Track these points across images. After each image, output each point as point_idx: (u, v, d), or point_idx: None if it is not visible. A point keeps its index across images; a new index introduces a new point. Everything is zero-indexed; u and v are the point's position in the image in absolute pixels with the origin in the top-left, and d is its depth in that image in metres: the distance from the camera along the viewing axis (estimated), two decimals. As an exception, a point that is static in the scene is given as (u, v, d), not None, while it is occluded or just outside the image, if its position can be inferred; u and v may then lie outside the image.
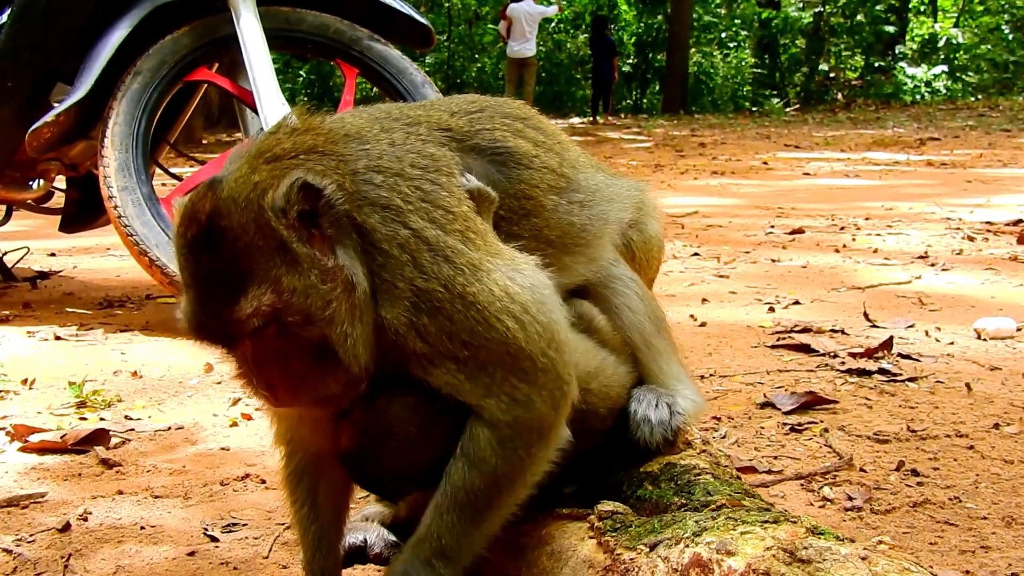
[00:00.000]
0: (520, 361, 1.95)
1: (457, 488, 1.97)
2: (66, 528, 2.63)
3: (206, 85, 5.38)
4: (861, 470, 2.95)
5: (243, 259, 1.80)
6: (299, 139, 1.97)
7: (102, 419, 3.51)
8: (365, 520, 2.49)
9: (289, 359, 1.86)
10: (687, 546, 1.78)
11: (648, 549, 1.86)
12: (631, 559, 1.87)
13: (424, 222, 1.95)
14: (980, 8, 34.43)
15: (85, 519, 2.70)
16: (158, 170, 5.52)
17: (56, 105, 4.71)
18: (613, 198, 2.46)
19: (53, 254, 7.07)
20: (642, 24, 31.82)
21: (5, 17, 4.93)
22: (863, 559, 1.64)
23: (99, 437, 3.27)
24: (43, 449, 3.21)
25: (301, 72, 30.45)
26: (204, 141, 19.11)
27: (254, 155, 1.92)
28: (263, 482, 2.99)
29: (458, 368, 1.92)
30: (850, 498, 2.75)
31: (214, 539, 2.59)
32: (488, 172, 2.17)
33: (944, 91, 29.45)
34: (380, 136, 2.06)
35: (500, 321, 1.93)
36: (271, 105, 4.69)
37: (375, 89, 5.32)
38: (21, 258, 6.37)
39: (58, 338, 4.64)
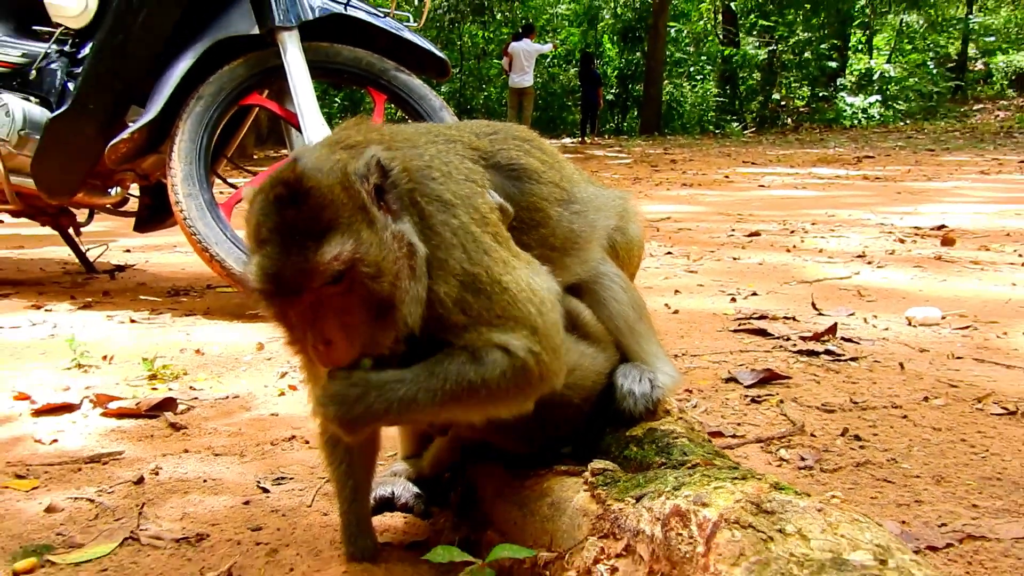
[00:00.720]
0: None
1: (447, 369, 1.86)
2: (140, 481, 2.62)
3: (258, 108, 5.36)
4: (811, 435, 2.94)
5: (328, 212, 1.75)
6: (367, 135, 1.98)
7: (170, 389, 3.49)
8: (393, 475, 2.49)
9: (350, 313, 1.80)
10: (668, 498, 1.77)
11: (635, 501, 1.84)
12: (620, 509, 1.86)
13: (468, 218, 1.94)
14: (909, 47, 34.39)
15: (156, 473, 2.69)
16: (217, 180, 5.49)
17: (131, 124, 4.71)
18: (601, 207, 2.45)
19: (128, 250, 7.06)
20: (623, 60, 31.76)
21: (88, 49, 4.92)
22: (819, 511, 1.63)
23: (168, 404, 3.26)
24: (120, 414, 3.20)
25: (336, 99, 30.41)
26: (255, 156, 19.07)
27: (329, 144, 1.92)
28: (307, 442, 2.98)
29: (489, 330, 1.90)
30: (803, 459, 2.74)
31: (265, 490, 2.58)
32: (505, 186, 2.16)
33: (878, 117, 29.38)
34: (428, 146, 2.05)
35: (525, 306, 1.92)
36: (313, 126, 4.68)
37: (398, 112, 5.31)
38: (101, 253, 6.36)
39: (132, 321, 4.63)
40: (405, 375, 1.86)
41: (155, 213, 5.60)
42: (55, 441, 2.95)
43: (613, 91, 32.66)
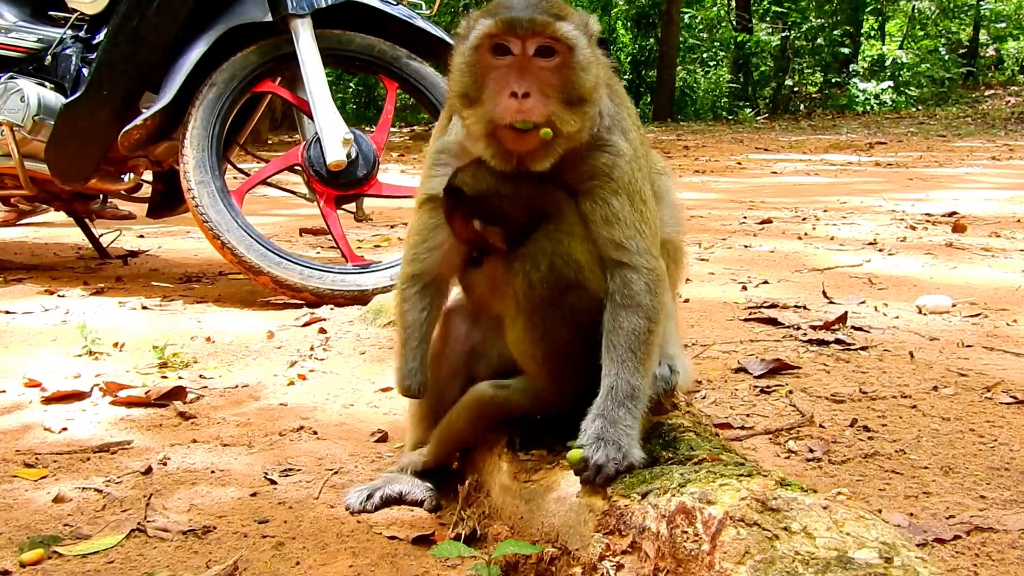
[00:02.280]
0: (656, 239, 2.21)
1: (628, 333, 2.08)
2: (148, 471, 2.60)
3: (270, 95, 5.33)
4: (820, 426, 2.90)
5: (567, 12, 2.08)
6: None
7: (180, 378, 3.47)
8: (400, 471, 2.47)
9: (550, 84, 2.05)
10: (674, 495, 1.74)
11: (640, 497, 1.82)
12: (626, 505, 1.84)
13: (639, 141, 2.27)
14: (921, 33, 34.09)
15: (164, 463, 2.67)
16: (229, 167, 5.47)
17: (144, 111, 4.67)
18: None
19: (142, 236, 7.04)
20: (636, 46, 31.56)
21: (102, 36, 4.89)
22: (824, 508, 1.61)
23: (177, 393, 3.24)
24: (130, 403, 3.18)
25: (351, 84, 30.34)
26: (269, 141, 19.05)
27: None
28: (315, 433, 2.96)
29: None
30: (811, 450, 2.71)
31: (273, 482, 2.56)
32: None
33: (890, 103, 29.14)
34: None
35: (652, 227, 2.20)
36: (325, 113, 4.65)
37: (411, 100, 5.27)
38: (115, 239, 6.35)
39: (144, 308, 4.61)
40: (618, 379, 2.08)
41: (168, 199, 5.57)
42: (64, 430, 2.94)
43: (626, 77, 32.48)
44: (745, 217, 7.81)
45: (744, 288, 4.93)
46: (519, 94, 2.01)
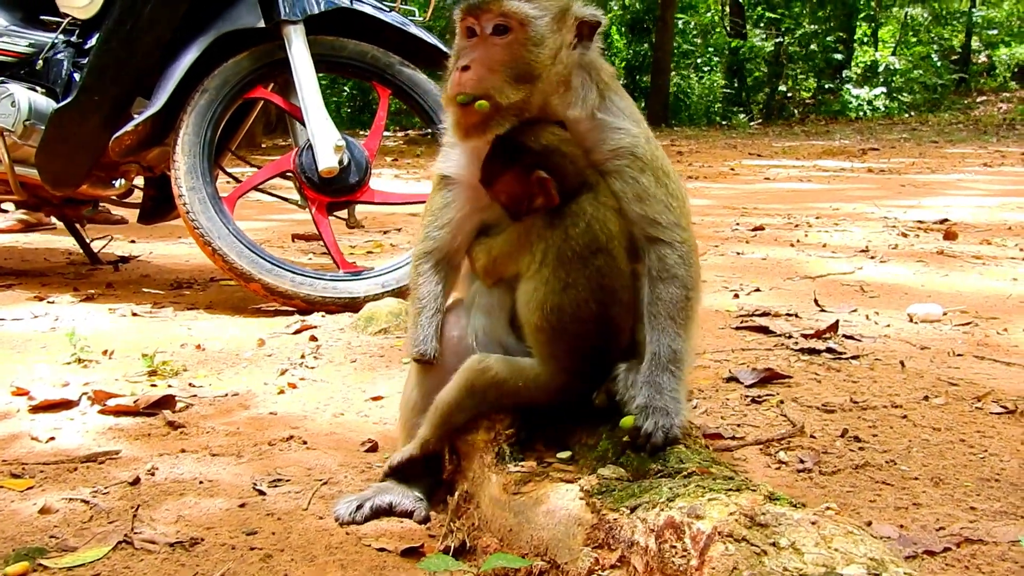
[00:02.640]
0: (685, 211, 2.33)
1: (667, 302, 2.21)
2: (136, 482, 2.59)
3: (263, 101, 5.32)
4: (811, 436, 2.89)
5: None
6: None
7: (170, 386, 3.46)
8: (392, 468, 2.46)
9: (496, 59, 2.19)
10: (662, 510, 1.73)
11: (629, 511, 1.81)
12: (615, 519, 1.83)
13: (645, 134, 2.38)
14: (914, 40, 34.18)
15: (152, 474, 2.65)
16: (221, 173, 5.45)
17: (136, 116, 4.66)
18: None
19: (133, 241, 7.02)
20: (631, 51, 31.59)
21: (94, 41, 4.87)
22: (813, 523, 1.60)
23: (166, 402, 3.22)
24: (119, 412, 3.16)
25: (346, 88, 30.31)
26: (263, 145, 19.02)
27: None
28: (304, 443, 2.94)
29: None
30: (802, 461, 2.70)
31: (262, 492, 2.54)
32: None
33: (883, 109, 29.18)
34: None
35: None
36: (317, 120, 4.64)
37: (404, 107, 5.27)
38: (105, 244, 6.32)
39: (135, 314, 4.59)
40: (660, 345, 2.22)
41: (159, 205, 5.55)
42: (52, 439, 2.92)
43: (622, 82, 32.48)
44: (738, 224, 7.81)
45: (736, 296, 4.93)
46: (460, 68, 2.20)
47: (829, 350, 3.78)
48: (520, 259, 2.30)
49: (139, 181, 5.48)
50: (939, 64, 32.20)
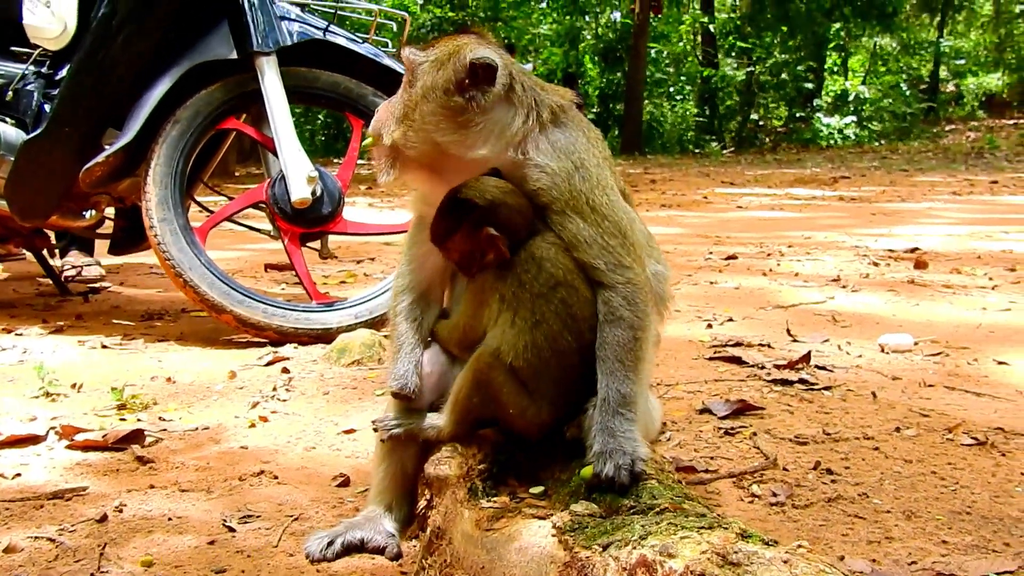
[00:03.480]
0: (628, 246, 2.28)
1: (613, 346, 2.19)
2: (103, 519, 2.55)
3: (235, 132, 5.30)
4: (784, 469, 2.90)
5: (426, 48, 2.37)
6: None
7: (139, 420, 3.42)
8: (365, 519, 2.44)
9: (395, 98, 2.38)
10: (635, 548, 1.72)
11: (602, 549, 1.80)
12: (587, 557, 1.81)
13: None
14: (883, 69, 34.65)
15: (120, 511, 2.62)
16: (193, 204, 5.43)
17: (107, 147, 4.63)
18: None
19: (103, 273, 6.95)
20: (604, 79, 31.83)
21: (65, 71, 4.85)
22: (785, 562, 1.59)
23: (136, 436, 3.19)
24: (87, 447, 3.12)
25: (319, 116, 30.33)
26: (236, 174, 18.99)
27: None
28: (276, 478, 2.92)
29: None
30: (774, 494, 2.70)
31: (231, 529, 2.52)
32: None
33: (853, 137, 29.53)
34: None
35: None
36: (289, 150, 4.64)
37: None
38: (76, 275, 6.27)
39: (104, 346, 4.55)
40: (609, 390, 2.21)
41: (130, 236, 5.52)
42: (18, 475, 2.88)
43: (594, 111, 32.71)
44: (711, 253, 7.85)
45: (709, 326, 4.94)
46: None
47: (802, 381, 3.79)
48: (482, 316, 2.30)
49: (110, 211, 5.45)
50: (908, 93, 32.67)
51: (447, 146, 2.30)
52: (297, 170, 4.62)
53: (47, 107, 4.87)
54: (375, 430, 2.43)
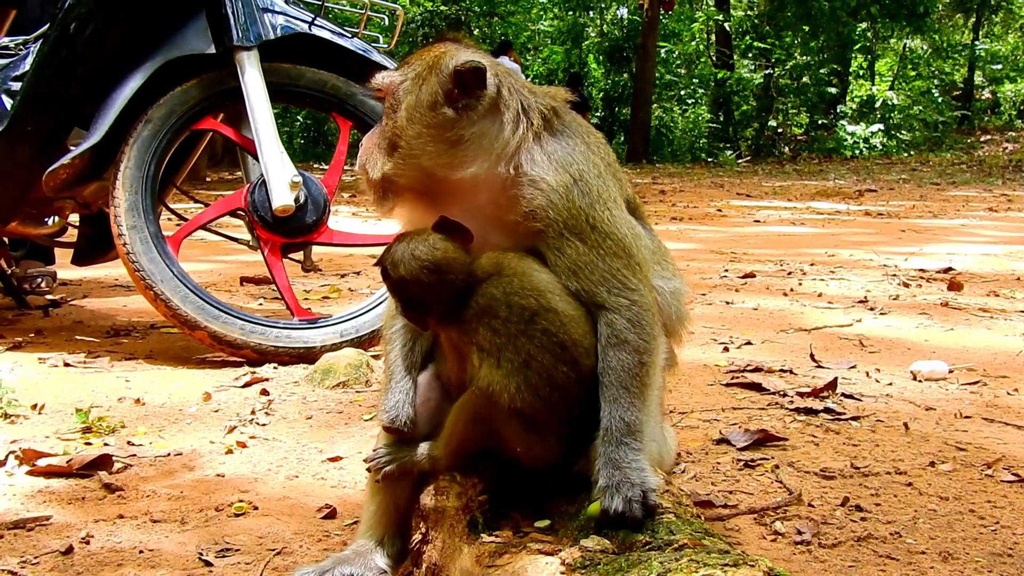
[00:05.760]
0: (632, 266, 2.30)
1: (617, 371, 2.20)
2: (69, 551, 2.56)
3: (211, 133, 5.32)
4: (809, 505, 2.91)
5: (401, 66, 2.39)
6: None
7: (106, 444, 3.43)
8: (354, 554, 2.44)
9: (378, 128, 2.40)
10: (652, 586, 1.73)
11: (616, 587, 1.81)
12: (599, 596, 1.82)
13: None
14: (912, 73, 34.83)
15: (87, 542, 2.63)
16: (164, 210, 5.45)
17: (72, 148, 4.64)
18: None
19: (65, 284, 6.97)
20: (609, 81, 31.98)
21: (28, 65, 4.87)
22: (817, 602, 1.60)
23: (103, 462, 3.19)
24: (49, 473, 3.13)
25: (299, 117, 30.42)
26: (208, 179, 19.01)
27: None
28: (256, 508, 2.92)
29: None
30: (799, 532, 2.71)
31: (208, 564, 2.52)
32: None
33: (880, 147, 29.67)
34: None
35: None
36: (271, 154, 4.65)
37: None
38: (32, 287, 6.28)
39: (67, 364, 4.56)
40: (612, 417, 2.23)
41: (96, 245, 5.54)
42: (-25, 503, 2.89)
43: (599, 114, 32.85)
44: (726, 270, 7.88)
45: (726, 349, 4.96)
46: None
47: (827, 410, 3.81)
48: (466, 367, 2.31)
49: (74, 218, 5.46)
50: (940, 100, 32.83)
51: (435, 169, 2.31)
52: (279, 175, 4.63)
53: (7, 103, 4.88)
54: (368, 469, 2.43)
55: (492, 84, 2.28)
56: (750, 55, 33.04)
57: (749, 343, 5.12)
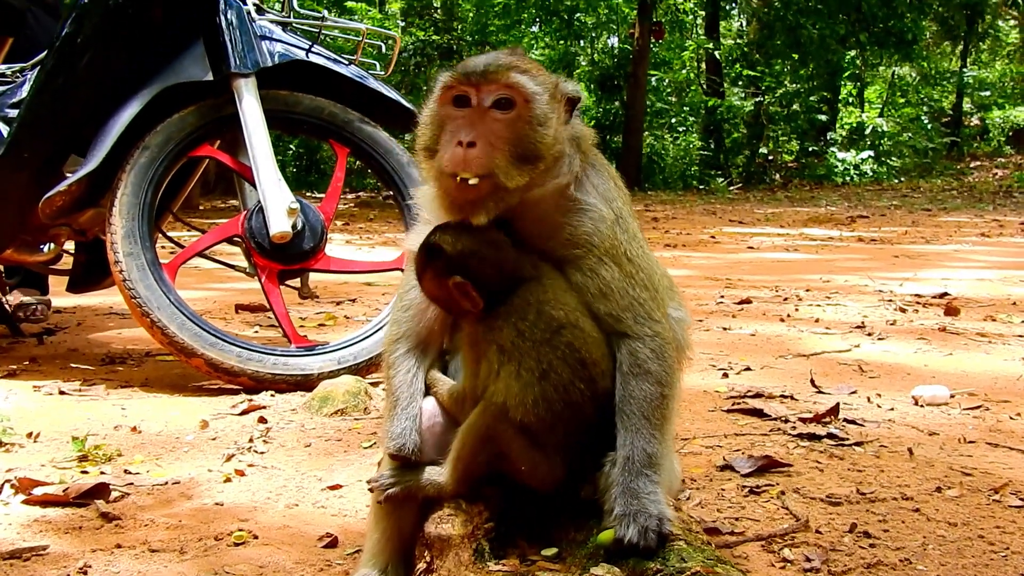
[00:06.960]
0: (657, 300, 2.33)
1: (639, 401, 2.20)
2: (66, 582, 2.52)
3: (208, 160, 5.30)
4: (817, 531, 2.87)
5: (533, 70, 2.28)
6: None
7: (103, 473, 3.39)
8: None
9: (501, 137, 2.19)
10: (667, 616, 1.69)
11: (628, 617, 1.77)
12: (611, 626, 1.78)
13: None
14: (902, 100, 34.99)
15: (85, 572, 2.59)
16: (160, 237, 5.42)
17: (69, 175, 4.62)
18: None
19: (59, 311, 6.93)
20: (601, 109, 32.05)
21: (25, 92, 4.86)
22: (837, 632, 1.57)
23: (99, 491, 3.15)
24: (46, 502, 3.09)
25: (291, 145, 30.43)
26: (200, 207, 18.98)
27: None
28: (255, 537, 2.88)
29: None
30: (808, 559, 2.67)
31: (208, 595, 2.48)
32: None
33: (871, 173, 29.75)
34: None
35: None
36: (269, 180, 4.63)
37: (357, 164, 5.28)
38: (27, 315, 6.24)
39: (62, 392, 4.52)
40: (634, 448, 2.21)
41: (91, 272, 5.51)
42: (-30, 533, 2.84)
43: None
44: (723, 296, 7.86)
45: (725, 375, 4.93)
46: (464, 143, 2.18)
47: (830, 436, 3.78)
48: (480, 371, 2.28)
49: (69, 245, 5.43)
50: (929, 127, 32.98)
51: (535, 181, 2.27)
52: (277, 201, 4.61)
53: (4, 130, 4.86)
54: (370, 490, 2.40)
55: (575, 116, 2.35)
56: (740, 83, 33.15)
57: (748, 369, 5.09)
